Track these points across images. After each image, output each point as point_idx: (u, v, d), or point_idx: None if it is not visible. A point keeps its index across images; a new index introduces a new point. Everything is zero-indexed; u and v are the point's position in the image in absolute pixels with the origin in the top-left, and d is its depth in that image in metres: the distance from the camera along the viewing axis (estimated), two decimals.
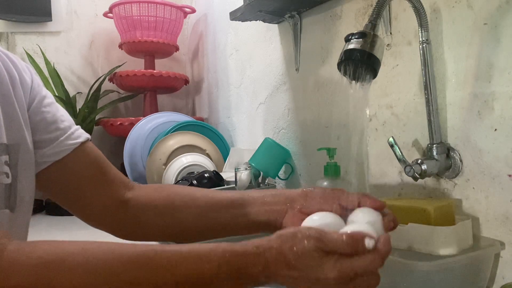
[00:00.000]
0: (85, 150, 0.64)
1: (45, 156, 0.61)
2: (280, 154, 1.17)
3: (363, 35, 0.61)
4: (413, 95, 0.81)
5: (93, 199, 0.65)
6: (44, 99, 0.62)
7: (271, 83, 1.29)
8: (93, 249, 0.46)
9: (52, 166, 0.61)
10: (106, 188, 0.65)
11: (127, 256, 0.45)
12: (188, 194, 0.67)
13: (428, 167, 0.71)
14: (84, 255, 0.45)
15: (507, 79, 0.65)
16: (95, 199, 0.65)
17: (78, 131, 0.65)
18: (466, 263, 0.61)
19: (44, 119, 0.61)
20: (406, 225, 0.64)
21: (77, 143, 0.63)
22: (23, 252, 0.44)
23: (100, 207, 0.65)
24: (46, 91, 0.64)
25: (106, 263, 0.45)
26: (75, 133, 0.64)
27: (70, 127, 0.64)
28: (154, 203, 0.66)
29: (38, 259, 0.43)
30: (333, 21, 1.02)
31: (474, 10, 0.69)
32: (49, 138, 0.61)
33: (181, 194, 0.67)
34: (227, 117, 1.62)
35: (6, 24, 1.72)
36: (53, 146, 0.61)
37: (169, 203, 0.66)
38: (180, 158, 1.35)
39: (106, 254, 0.45)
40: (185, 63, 2.08)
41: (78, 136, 0.64)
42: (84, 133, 0.66)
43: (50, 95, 0.64)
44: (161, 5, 1.71)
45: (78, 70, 1.86)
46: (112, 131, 1.70)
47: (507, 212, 0.65)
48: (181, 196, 0.66)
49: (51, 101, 0.64)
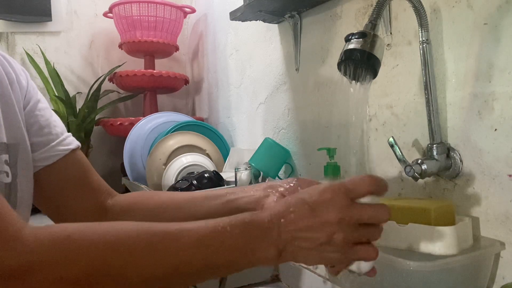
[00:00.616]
0: (75, 157, 0.65)
1: (36, 160, 0.61)
2: (280, 154, 1.17)
3: (363, 35, 0.61)
4: (413, 95, 0.81)
5: (75, 205, 0.66)
6: (39, 103, 0.63)
7: (271, 83, 1.29)
8: (119, 227, 0.45)
9: (42, 170, 0.62)
10: (89, 195, 0.66)
11: (156, 231, 0.44)
12: (167, 194, 0.69)
13: (428, 167, 0.71)
14: (112, 232, 0.43)
15: (507, 79, 0.65)
16: (76, 205, 0.66)
17: (70, 138, 0.66)
18: (466, 263, 0.61)
19: (37, 122, 0.62)
20: (406, 225, 0.64)
21: (68, 150, 0.64)
22: (47, 228, 0.43)
23: (80, 213, 0.66)
24: (41, 95, 0.65)
25: (138, 238, 0.43)
26: (67, 139, 0.65)
27: (62, 133, 0.65)
28: (133, 207, 0.67)
29: (62, 233, 0.42)
30: (333, 21, 1.02)
31: (474, 10, 0.69)
32: (41, 141, 0.62)
33: (160, 195, 0.68)
34: (227, 117, 1.62)
35: (6, 24, 1.72)
36: (45, 151, 0.62)
37: (148, 205, 0.67)
38: (180, 158, 1.35)
39: (133, 231, 0.44)
40: (185, 63, 2.08)
41: (70, 143, 0.65)
42: (75, 140, 0.67)
43: (44, 100, 0.65)
44: (161, 5, 1.71)
45: (78, 70, 1.86)
46: (112, 131, 1.69)
47: (507, 212, 0.65)
48: (159, 196, 0.68)
49: (45, 106, 0.64)
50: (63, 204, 0.65)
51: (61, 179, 0.64)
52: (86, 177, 0.67)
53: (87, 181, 0.67)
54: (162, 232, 0.44)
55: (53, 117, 0.65)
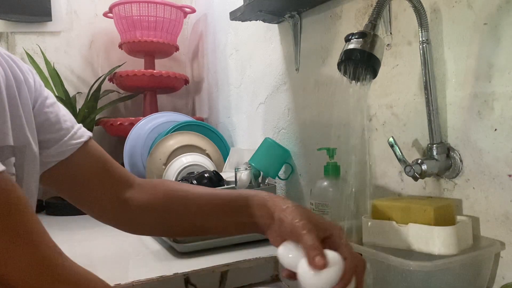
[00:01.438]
0: (89, 148, 0.66)
1: (50, 156, 0.62)
2: (280, 154, 1.17)
3: (363, 35, 0.61)
4: (413, 95, 0.81)
5: (98, 194, 0.66)
6: (47, 100, 0.63)
7: (271, 83, 1.29)
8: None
9: (58, 165, 0.63)
10: (110, 184, 0.67)
11: None
12: (187, 193, 0.68)
13: (428, 167, 0.71)
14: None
15: (507, 79, 0.65)
16: (100, 195, 0.66)
17: (81, 130, 0.66)
18: (466, 263, 0.61)
19: (47, 119, 0.62)
20: (406, 225, 0.64)
21: (80, 142, 0.65)
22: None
23: (105, 202, 0.67)
24: (48, 91, 0.65)
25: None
26: (78, 132, 0.65)
27: (73, 127, 0.65)
28: (152, 206, 0.67)
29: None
30: (333, 21, 1.02)
31: (474, 10, 0.69)
32: (53, 138, 0.63)
33: (180, 194, 0.68)
34: (227, 117, 1.62)
35: (6, 24, 1.72)
36: (58, 146, 0.63)
37: (168, 206, 0.67)
38: (180, 158, 1.35)
39: None
40: (185, 63, 2.07)
41: (81, 135, 0.66)
42: (86, 131, 0.67)
43: (51, 95, 0.65)
44: (161, 5, 1.71)
45: (78, 70, 1.86)
46: (112, 131, 1.69)
47: (507, 212, 0.65)
48: (180, 198, 0.68)
49: (53, 101, 0.65)
50: (87, 194, 0.66)
51: (79, 171, 0.65)
52: (103, 166, 0.67)
53: (105, 170, 0.67)
54: None
55: (62, 111, 0.65)
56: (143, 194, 0.68)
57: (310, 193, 0.93)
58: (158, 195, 0.68)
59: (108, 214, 0.68)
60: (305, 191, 1.16)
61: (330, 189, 0.89)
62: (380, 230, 0.68)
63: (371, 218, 0.70)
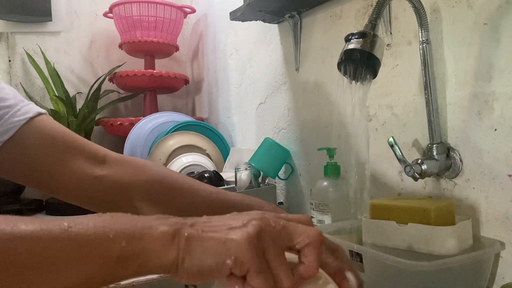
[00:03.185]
0: (37, 124, 0.61)
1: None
2: (280, 154, 1.17)
3: (363, 35, 0.61)
4: (413, 95, 0.81)
5: (59, 173, 0.62)
6: None
7: (271, 83, 1.29)
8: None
9: (3, 146, 0.59)
10: (73, 161, 0.62)
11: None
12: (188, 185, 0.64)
13: (428, 167, 0.71)
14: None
15: (507, 79, 0.65)
16: (61, 173, 0.62)
17: (27, 107, 0.62)
18: (466, 263, 0.61)
19: None
20: (406, 225, 0.64)
21: (25, 119, 0.60)
22: None
23: (71, 180, 0.62)
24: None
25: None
26: (22, 109, 0.61)
27: (16, 105, 0.61)
28: (134, 188, 0.62)
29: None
30: (333, 21, 1.02)
31: (474, 10, 0.69)
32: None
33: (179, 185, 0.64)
34: (227, 117, 1.62)
35: (6, 24, 1.72)
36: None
37: (165, 192, 0.63)
38: (180, 158, 1.35)
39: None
40: (185, 63, 2.07)
41: (26, 112, 0.61)
42: (35, 107, 0.63)
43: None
44: (161, 5, 1.71)
45: (78, 70, 1.86)
46: (112, 131, 1.69)
47: (507, 212, 0.65)
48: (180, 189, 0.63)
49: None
50: (46, 176, 0.61)
51: (27, 150, 0.60)
52: (59, 143, 0.62)
53: (66, 148, 0.62)
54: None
55: (3, 91, 0.61)
56: (123, 173, 0.63)
57: (310, 193, 0.93)
58: (143, 176, 0.63)
59: (76, 192, 0.63)
60: (305, 191, 1.16)
61: (330, 189, 0.89)
62: (380, 230, 0.68)
63: (371, 218, 0.70)
